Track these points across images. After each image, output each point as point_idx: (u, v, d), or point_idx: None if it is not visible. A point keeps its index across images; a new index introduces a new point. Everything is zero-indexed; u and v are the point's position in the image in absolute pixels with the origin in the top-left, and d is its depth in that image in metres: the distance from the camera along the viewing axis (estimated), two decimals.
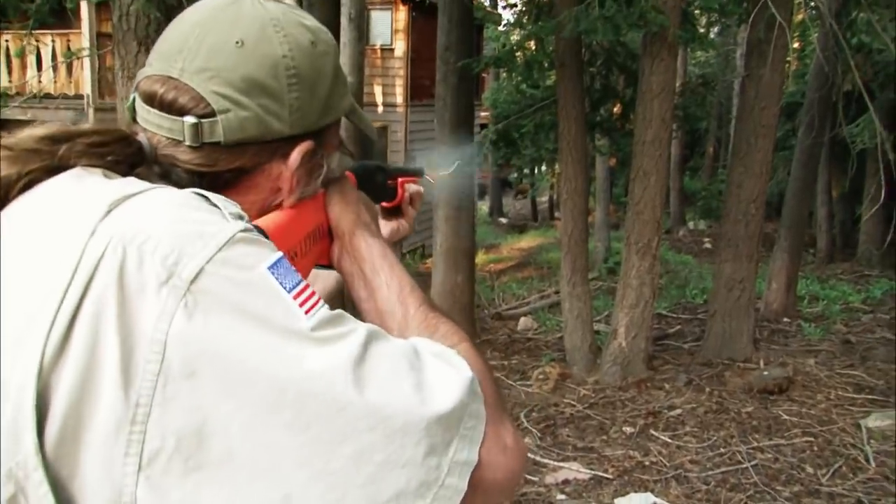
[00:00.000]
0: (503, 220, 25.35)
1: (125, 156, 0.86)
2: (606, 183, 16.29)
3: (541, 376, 7.96)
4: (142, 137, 0.90)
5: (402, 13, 16.52)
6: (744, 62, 8.36)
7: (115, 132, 0.87)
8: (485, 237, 20.23)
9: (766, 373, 7.47)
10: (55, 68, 11.15)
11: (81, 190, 0.76)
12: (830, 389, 7.28)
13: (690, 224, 20.58)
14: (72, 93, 11.18)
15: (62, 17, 9.87)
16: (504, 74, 16.09)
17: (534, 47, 9.23)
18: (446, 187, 8.43)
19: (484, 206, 25.69)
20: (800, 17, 11.17)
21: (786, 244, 10.20)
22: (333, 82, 0.96)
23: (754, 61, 7.65)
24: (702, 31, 8.22)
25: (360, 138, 12.64)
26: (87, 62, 10.63)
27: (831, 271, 13.61)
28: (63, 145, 0.81)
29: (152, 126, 0.90)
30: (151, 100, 0.89)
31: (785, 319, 9.87)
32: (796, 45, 12.01)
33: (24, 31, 9.36)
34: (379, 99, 16.65)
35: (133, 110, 0.93)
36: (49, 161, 0.79)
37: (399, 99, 16.69)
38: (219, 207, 0.76)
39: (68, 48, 10.86)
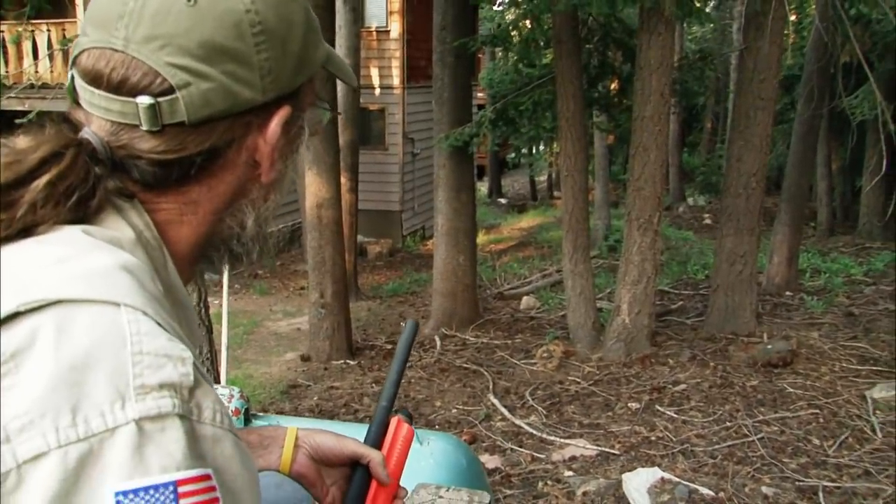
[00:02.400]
0: (502, 201, 25.33)
1: (84, 176, 0.73)
2: (605, 160, 16.26)
3: (545, 354, 7.95)
4: (87, 132, 0.77)
5: None
6: (741, 35, 8.30)
7: (62, 149, 0.74)
8: (484, 218, 20.21)
9: (769, 346, 7.47)
10: (51, 57, 11.10)
11: (13, 271, 0.65)
12: (835, 362, 7.28)
13: (690, 200, 20.56)
14: (67, 82, 11.14)
15: (57, 6, 9.81)
16: (500, 54, 16.03)
17: (530, 25, 9.16)
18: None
19: (483, 187, 25.66)
20: None
21: (786, 218, 10.17)
22: (306, 31, 0.83)
23: (752, 34, 7.61)
24: (698, 5, 8.15)
25: (356, 116, 12.58)
26: None
27: (832, 244, 13.60)
28: (20, 198, 0.70)
29: (99, 111, 0.77)
30: (96, 80, 0.76)
31: (787, 293, 9.86)
32: (794, 17, 11.93)
33: (19, 21, 9.30)
34: (376, 81, 16.58)
35: (73, 92, 0.80)
36: (9, 230, 0.69)
37: (396, 81, 16.61)
38: (151, 361, 0.62)
39: (64, 37, 10.81)
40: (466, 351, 8.61)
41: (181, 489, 0.59)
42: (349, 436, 1.06)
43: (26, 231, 0.70)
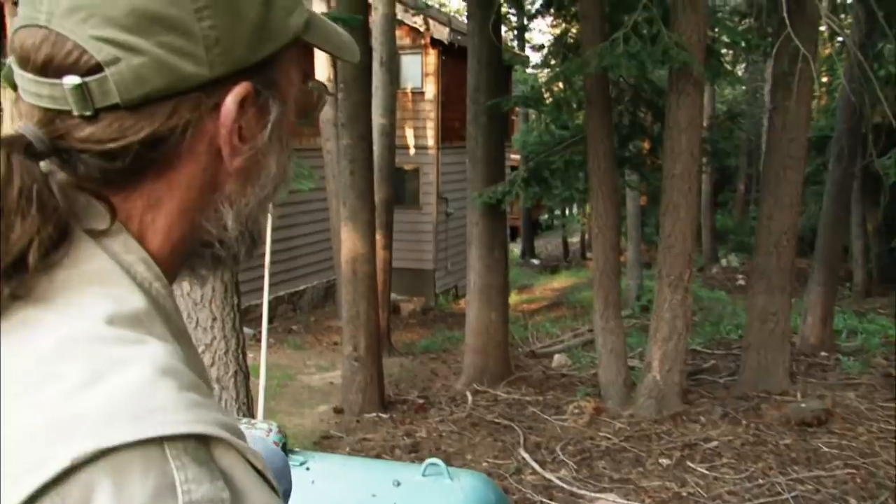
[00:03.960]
0: (535, 262, 25.38)
1: (31, 175, 0.63)
2: (637, 221, 16.34)
3: (576, 410, 7.96)
4: (21, 126, 0.68)
5: (431, 57, 16.80)
6: (770, 96, 8.43)
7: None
8: (517, 278, 20.28)
9: (803, 405, 7.43)
10: None
11: (45, 400, 0.57)
12: (872, 422, 7.21)
13: (724, 261, 20.51)
14: None
15: None
16: (533, 117, 16.29)
17: (562, 87, 9.36)
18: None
19: (516, 248, 25.75)
20: (827, 51, 11.22)
21: (820, 277, 10.16)
22: None
23: (780, 94, 7.73)
24: (728, 66, 8.33)
25: (391, 175, 12.79)
26: None
27: (869, 305, 13.49)
28: None
29: (31, 97, 0.68)
30: (24, 62, 0.68)
31: (822, 353, 9.79)
32: (824, 79, 12.05)
33: None
34: (411, 141, 16.89)
35: (11, 79, 0.70)
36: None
37: (430, 141, 16.92)
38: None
39: None
40: (497, 406, 8.63)
41: None
42: (377, 471, 1.01)
43: (24, 293, 0.63)
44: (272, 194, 0.80)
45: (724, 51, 11.27)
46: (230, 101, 0.70)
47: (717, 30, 9.26)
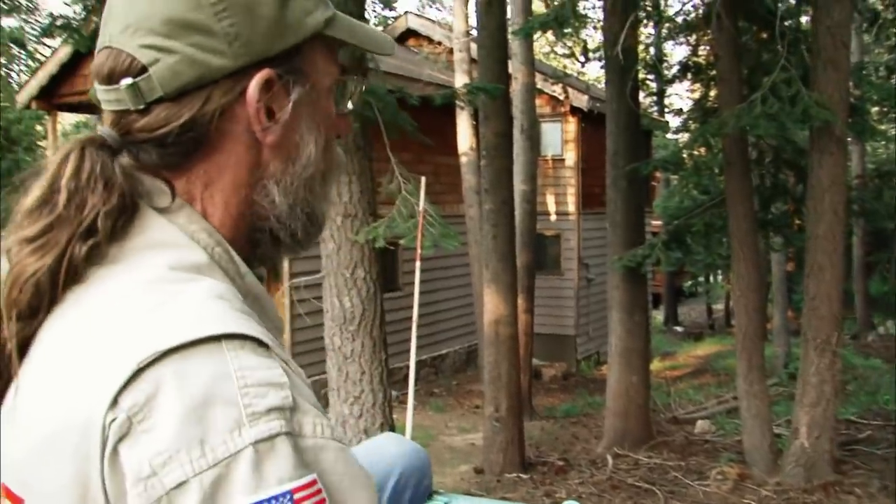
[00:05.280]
0: (678, 329, 24.90)
1: (100, 161, 0.82)
2: (783, 286, 15.88)
3: (719, 476, 7.82)
4: (99, 128, 0.86)
5: (571, 124, 17.07)
6: None
7: (74, 148, 0.83)
8: (660, 345, 19.98)
9: None
10: None
11: (126, 318, 0.74)
12: None
13: (880, 328, 19.53)
14: None
15: None
16: (674, 182, 16.21)
17: (703, 150, 9.40)
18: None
19: (659, 315, 25.37)
20: None
21: None
22: None
23: None
24: (876, 124, 8.17)
25: (533, 241, 12.95)
26: None
27: None
28: (56, 200, 0.80)
29: (105, 104, 0.86)
30: (98, 77, 0.86)
31: None
32: None
33: None
34: (551, 208, 17.10)
35: (95, 95, 0.88)
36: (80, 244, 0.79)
37: (571, 207, 17.08)
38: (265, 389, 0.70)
39: None
40: (639, 470, 8.56)
41: (296, 496, 0.68)
42: None
43: (100, 253, 0.79)
44: (320, 178, 0.93)
45: (872, 108, 11.01)
46: (253, 85, 0.84)
47: (862, 87, 9.09)
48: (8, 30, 23.89)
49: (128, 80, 0.82)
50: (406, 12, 19.77)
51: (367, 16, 6.79)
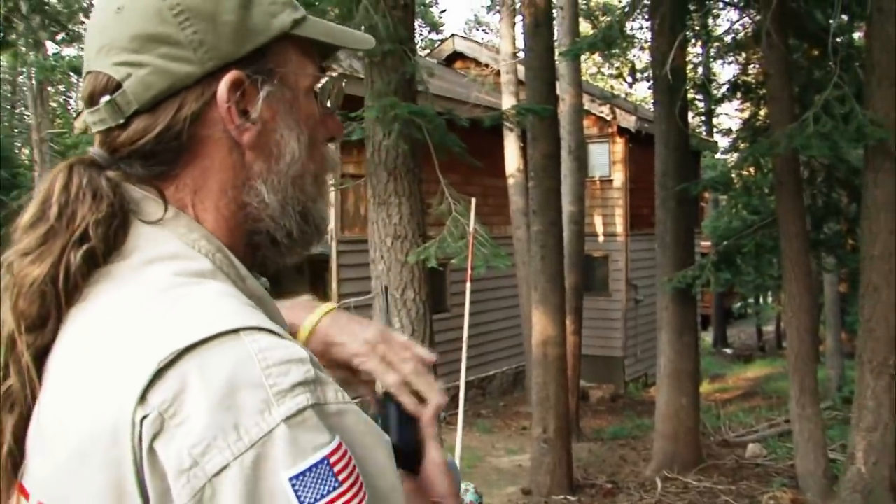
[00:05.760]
0: (728, 351, 24.59)
1: (88, 176, 0.85)
2: (836, 307, 15.62)
3: (771, 502, 7.69)
4: (91, 149, 0.91)
5: (619, 145, 17.04)
6: None
7: (64, 168, 0.87)
8: (709, 367, 19.74)
9: None
10: None
11: (140, 323, 0.76)
12: None
13: None
14: None
15: None
16: (723, 202, 16.07)
17: (751, 170, 9.32)
18: None
19: (707, 337, 25.07)
20: None
21: None
22: (243, 1, 0.89)
23: None
24: None
25: (581, 262, 12.89)
26: (332, 200, 11.72)
27: None
28: (49, 213, 0.84)
29: (95, 126, 0.90)
30: (84, 101, 0.90)
31: None
32: None
33: None
34: (599, 229, 17.05)
35: (86, 121, 0.93)
36: (75, 253, 0.82)
37: (619, 228, 17.02)
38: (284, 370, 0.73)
39: None
40: (688, 494, 8.46)
41: (331, 459, 0.71)
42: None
43: (95, 260, 0.82)
44: (311, 178, 0.95)
45: None
46: (221, 86, 0.85)
47: None
48: (68, 59, 24.64)
49: (105, 98, 0.86)
50: (453, 35, 19.95)
51: (415, 39, 6.87)
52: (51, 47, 24.06)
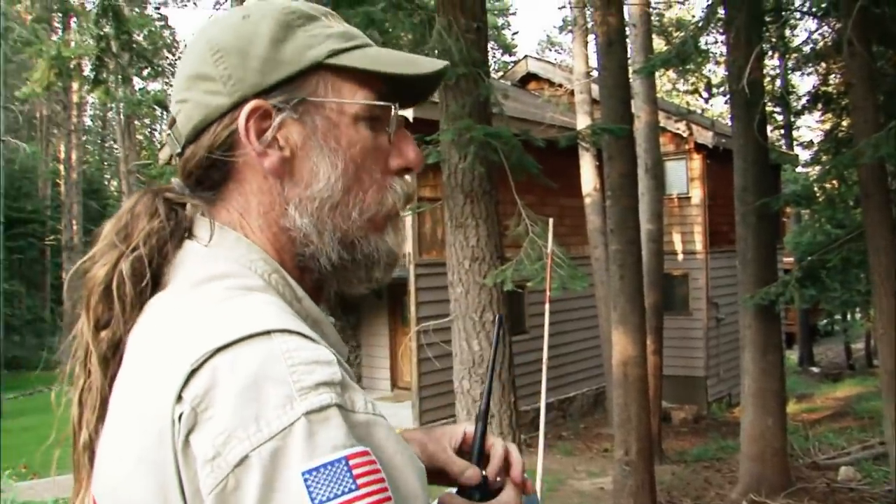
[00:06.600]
0: (815, 370, 23.88)
1: (153, 204, 0.94)
2: None
3: None
4: (174, 180, 1.01)
5: (696, 161, 16.79)
6: None
7: (141, 196, 0.97)
8: (796, 386, 19.20)
9: None
10: None
11: (184, 330, 0.80)
12: None
13: None
14: None
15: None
16: (806, 217, 15.68)
17: (836, 183, 9.09)
18: None
19: (793, 356, 24.40)
20: None
21: None
22: (278, 36, 0.93)
23: None
24: None
25: (660, 280, 12.73)
26: (409, 223, 11.82)
27: None
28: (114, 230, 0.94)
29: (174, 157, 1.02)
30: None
31: None
32: None
33: None
34: (678, 247, 16.81)
35: None
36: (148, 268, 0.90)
37: (699, 246, 16.75)
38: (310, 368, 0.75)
39: None
40: None
41: (352, 462, 0.71)
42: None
43: (143, 267, 0.90)
44: (358, 207, 0.95)
45: None
46: (242, 114, 0.91)
47: None
48: (153, 93, 25.58)
49: (168, 132, 0.98)
50: (526, 56, 19.96)
51: (488, 61, 6.90)
52: (137, 82, 24.99)
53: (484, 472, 1.04)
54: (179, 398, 0.74)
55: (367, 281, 1.00)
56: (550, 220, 6.04)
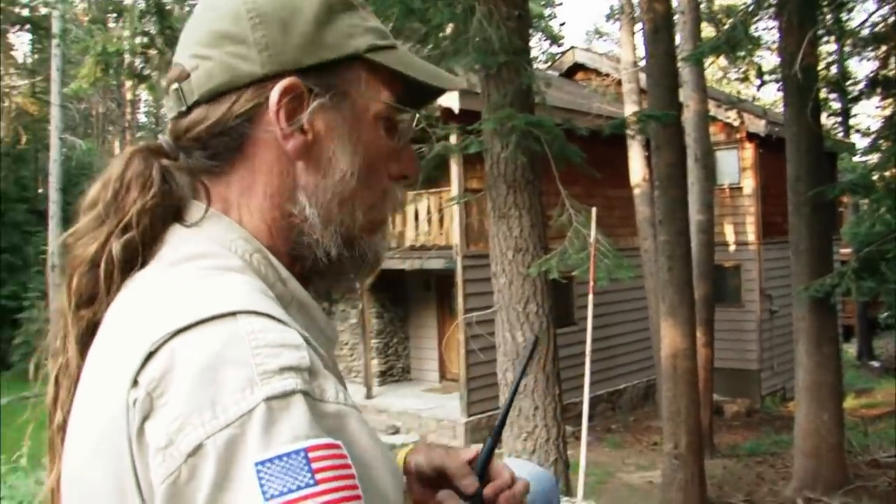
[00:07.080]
0: (874, 364, 23.31)
1: (146, 164, 0.88)
2: None
3: None
4: (161, 136, 0.94)
5: (748, 151, 16.47)
6: None
7: (130, 155, 0.90)
8: (854, 381, 18.77)
9: None
10: (429, 221, 12.47)
11: (148, 312, 0.76)
12: None
13: None
14: (443, 243, 12.35)
15: (436, 178, 11.11)
16: (864, 206, 15.28)
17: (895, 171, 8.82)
18: None
19: (851, 349, 23.85)
20: None
21: None
22: (322, 17, 0.89)
23: None
24: None
25: (710, 272, 12.51)
26: (456, 217, 11.78)
27: None
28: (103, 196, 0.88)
29: (167, 112, 0.94)
30: (164, 91, 0.94)
31: None
32: None
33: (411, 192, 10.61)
34: (730, 238, 16.52)
35: None
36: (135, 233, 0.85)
37: (751, 237, 16.43)
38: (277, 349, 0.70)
39: (440, 204, 12.15)
40: None
41: (311, 455, 0.65)
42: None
43: (134, 249, 0.85)
44: (364, 206, 0.92)
45: None
46: (275, 89, 0.85)
47: None
48: None
49: (174, 85, 0.89)
50: (573, 47, 19.79)
51: (534, 52, 6.82)
52: None
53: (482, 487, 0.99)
54: (135, 382, 0.68)
55: (354, 281, 0.98)
56: (594, 209, 5.95)
